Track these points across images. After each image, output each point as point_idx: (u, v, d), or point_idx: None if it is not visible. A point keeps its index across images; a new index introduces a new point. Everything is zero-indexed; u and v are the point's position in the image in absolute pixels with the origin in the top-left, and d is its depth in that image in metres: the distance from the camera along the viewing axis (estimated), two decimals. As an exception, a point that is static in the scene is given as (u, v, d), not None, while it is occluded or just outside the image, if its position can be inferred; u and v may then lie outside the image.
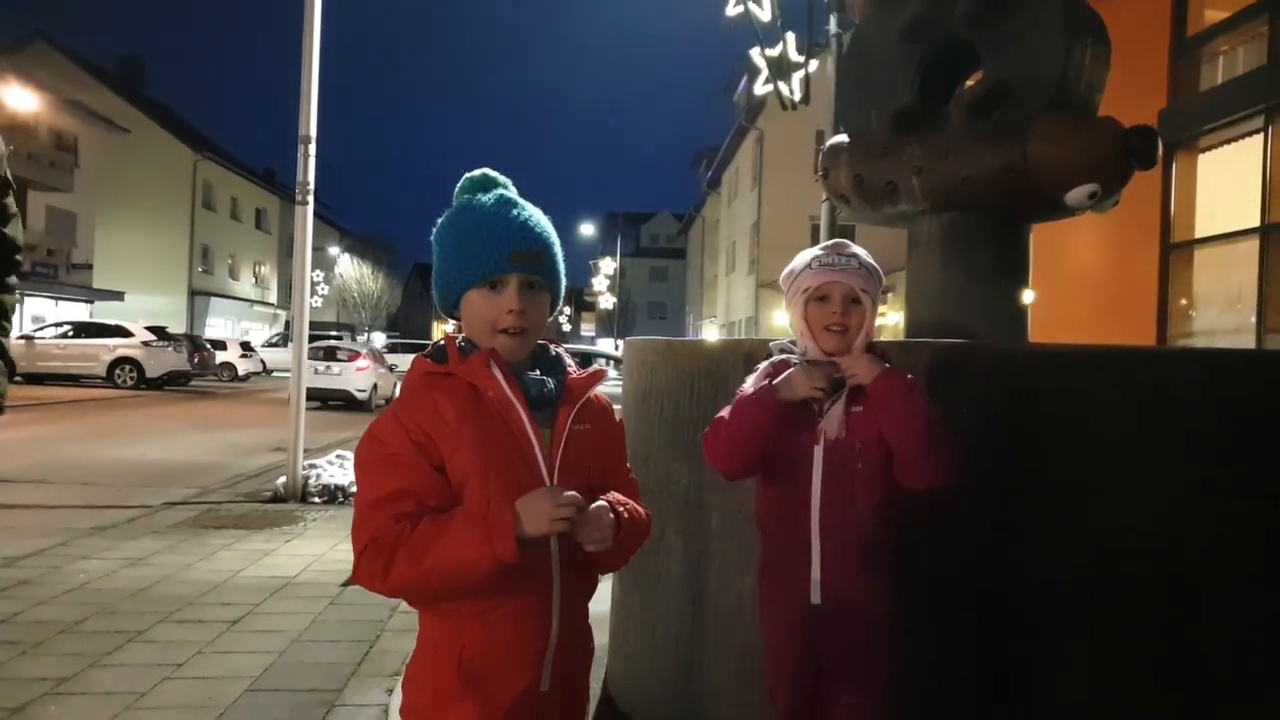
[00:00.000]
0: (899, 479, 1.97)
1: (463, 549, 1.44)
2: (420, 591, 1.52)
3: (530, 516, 1.46)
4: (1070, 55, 3.18)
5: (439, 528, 1.46)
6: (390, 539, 1.47)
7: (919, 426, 1.90)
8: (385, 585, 1.49)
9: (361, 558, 1.50)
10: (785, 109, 12.42)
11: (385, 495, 1.50)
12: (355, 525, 1.53)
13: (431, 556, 1.45)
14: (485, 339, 1.59)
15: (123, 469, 9.73)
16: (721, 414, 2.05)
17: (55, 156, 33.02)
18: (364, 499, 1.53)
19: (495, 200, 1.63)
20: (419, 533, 1.46)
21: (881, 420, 1.93)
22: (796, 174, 28.07)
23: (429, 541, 1.46)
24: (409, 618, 4.63)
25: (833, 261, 2.04)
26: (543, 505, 1.46)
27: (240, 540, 6.39)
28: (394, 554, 1.46)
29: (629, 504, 1.62)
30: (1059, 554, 2.29)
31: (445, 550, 1.45)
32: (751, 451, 2.01)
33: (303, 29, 8.31)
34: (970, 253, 3.39)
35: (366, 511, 1.52)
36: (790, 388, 1.96)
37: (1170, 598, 2.27)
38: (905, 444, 1.92)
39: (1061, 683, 2.30)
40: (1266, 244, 9.61)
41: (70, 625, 4.39)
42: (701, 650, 2.82)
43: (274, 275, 55.18)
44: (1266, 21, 9.92)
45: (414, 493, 1.50)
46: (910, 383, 1.94)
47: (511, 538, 1.44)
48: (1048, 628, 2.30)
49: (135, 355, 23.85)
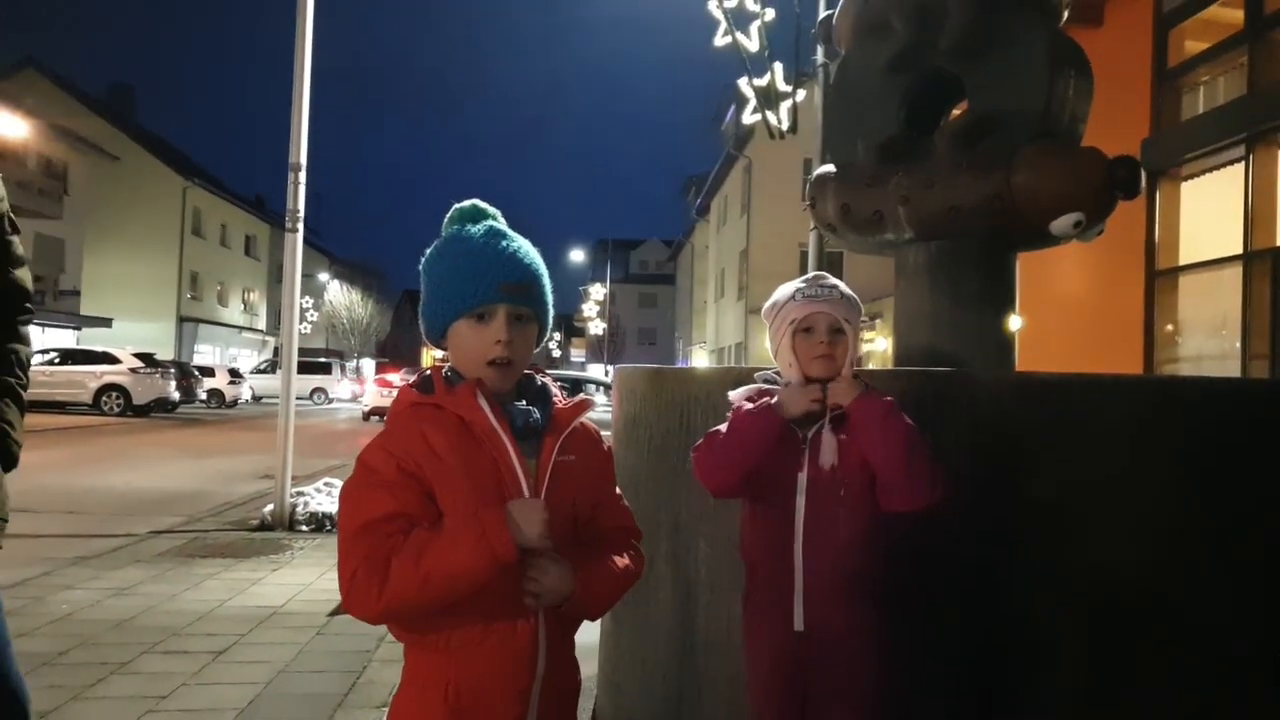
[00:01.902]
0: (883, 503, 1.98)
1: (459, 548, 1.43)
2: (417, 600, 1.45)
3: (524, 520, 1.46)
4: (1054, 87, 3.23)
5: (432, 533, 1.46)
6: (383, 551, 1.45)
7: (899, 448, 1.92)
8: (380, 602, 1.44)
9: (353, 581, 1.46)
10: (773, 138, 12.53)
11: (378, 518, 1.48)
12: (343, 553, 1.49)
13: (428, 557, 1.43)
14: (472, 370, 1.60)
15: (108, 497, 9.65)
16: (716, 429, 2.06)
17: (44, 184, 32.98)
18: (353, 524, 1.49)
19: (484, 231, 1.64)
20: (413, 539, 1.45)
21: (861, 442, 1.95)
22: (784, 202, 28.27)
23: (424, 544, 1.44)
24: (396, 648, 4.58)
25: (815, 293, 2.08)
26: (535, 514, 1.47)
27: (227, 569, 6.33)
28: (388, 563, 1.44)
29: (607, 560, 1.62)
30: (1044, 581, 2.29)
31: (442, 550, 1.43)
32: (746, 466, 2.01)
33: (293, 57, 8.36)
34: (957, 281, 3.42)
35: (356, 535, 1.48)
36: (786, 406, 1.99)
37: (1155, 625, 2.28)
38: (886, 465, 1.94)
39: (1046, 709, 2.29)
40: (1250, 271, 9.71)
41: (52, 657, 4.33)
42: (691, 680, 2.80)
43: (263, 302, 55.11)
44: (1246, 52, 10.09)
45: (407, 515, 1.49)
46: (889, 404, 1.96)
47: (506, 533, 1.44)
48: (1032, 655, 2.30)
49: (122, 382, 23.74)
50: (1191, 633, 2.28)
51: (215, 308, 48.22)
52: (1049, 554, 2.29)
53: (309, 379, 35.05)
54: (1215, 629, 2.28)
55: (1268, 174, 9.69)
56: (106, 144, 38.63)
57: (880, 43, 3.57)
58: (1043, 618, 2.29)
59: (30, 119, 29.29)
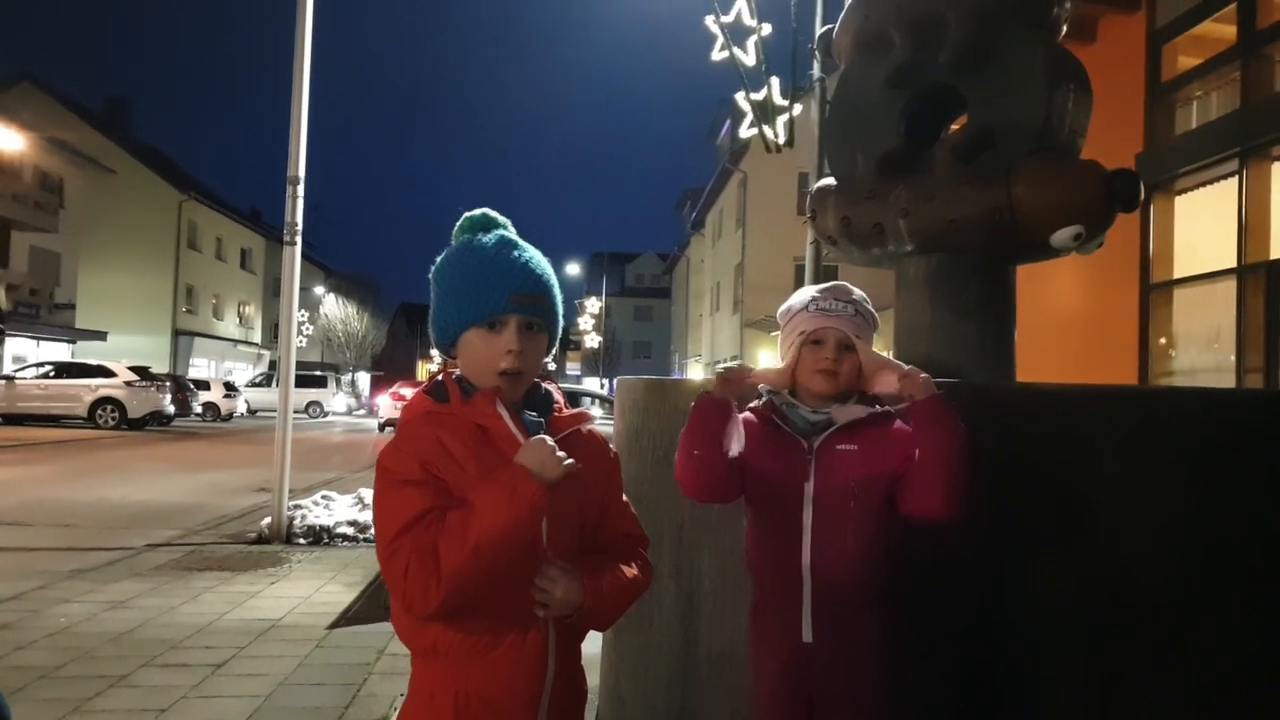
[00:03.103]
0: (911, 506, 1.96)
1: (497, 511, 1.44)
2: (473, 574, 1.44)
3: (536, 461, 1.48)
4: (1053, 101, 3.25)
5: (466, 510, 1.46)
6: (427, 542, 1.45)
7: (955, 451, 1.91)
8: (440, 589, 1.43)
9: (407, 577, 1.44)
10: (769, 152, 12.59)
11: (414, 517, 1.47)
12: (388, 556, 1.47)
13: (473, 532, 1.43)
14: (483, 379, 1.60)
15: (104, 510, 9.61)
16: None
17: (40, 197, 32.94)
18: (392, 528, 1.47)
19: (495, 241, 1.65)
20: (450, 521, 1.45)
21: (922, 439, 1.93)
22: (780, 215, 28.37)
23: (463, 521, 1.45)
24: (396, 661, 4.58)
25: (829, 306, 2.07)
26: (543, 451, 1.49)
27: (225, 582, 6.31)
28: (435, 550, 1.44)
29: (615, 569, 1.62)
30: (1049, 590, 2.30)
31: (481, 519, 1.44)
32: (709, 460, 1.97)
33: (291, 70, 8.39)
34: (957, 293, 3.43)
35: (398, 537, 1.46)
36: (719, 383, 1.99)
37: (1161, 632, 2.29)
38: (934, 466, 1.92)
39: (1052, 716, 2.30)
40: (1243, 284, 9.76)
41: (50, 670, 4.31)
42: (694, 692, 2.80)
43: (259, 315, 55.03)
44: (1238, 67, 10.16)
45: (438, 507, 1.48)
46: (954, 408, 1.94)
47: (530, 480, 1.46)
48: (1035, 663, 2.31)
49: (117, 395, 23.67)
50: (1194, 638, 2.29)
51: (211, 321, 48.15)
52: (1052, 563, 2.30)
53: (305, 392, 35.00)
54: (1216, 634, 2.29)
55: (1261, 188, 9.75)
56: (102, 157, 38.63)
57: (880, 57, 3.59)
58: (1047, 626, 2.29)
59: (26, 132, 29.28)
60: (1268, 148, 9.65)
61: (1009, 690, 2.32)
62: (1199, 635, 2.29)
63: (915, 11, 3.43)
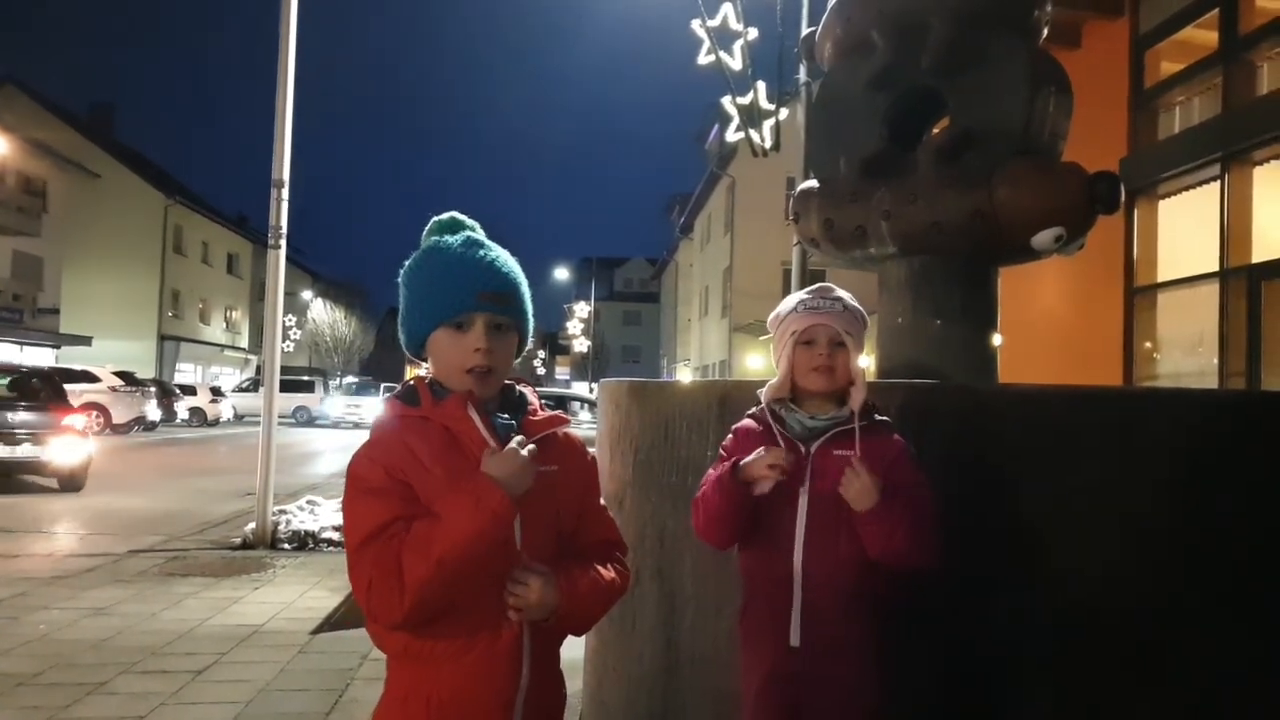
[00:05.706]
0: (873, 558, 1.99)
1: (460, 522, 1.43)
2: (438, 586, 1.44)
3: (502, 470, 1.47)
4: (1034, 103, 3.26)
5: (430, 521, 1.46)
6: (391, 554, 1.44)
7: (897, 546, 1.93)
8: (404, 601, 1.43)
9: (370, 590, 1.45)
10: (756, 156, 12.62)
11: (377, 527, 1.47)
12: (354, 568, 1.48)
13: (435, 543, 1.43)
14: (453, 379, 1.59)
15: (87, 516, 9.53)
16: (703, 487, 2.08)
17: (23, 201, 32.69)
18: (355, 539, 1.49)
19: (462, 241, 1.64)
20: (414, 533, 1.45)
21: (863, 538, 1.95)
22: (768, 219, 28.38)
23: (427, 533, 1.44)
24: (379, 667, 4.54)
25: (818, 305, 2.09)
26: (512, 461, 1.48)
27: (207, 588, 6.27)
28: (399, 562, 1.43)
29: (591, 572, 1.61)
30: (1032, 596, 2.30)
31: (445, 531, 1.43)
32: (731, 528, 2.05)
33: (276, 74, 8.35)
34: (939, 296, 3.44)
35: (361, 549, 1.47)
36: (749, 470, 1.99)
37: (1142, 640, 2.28)
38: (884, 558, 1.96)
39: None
40: (1226, 288, 9.82)
41: (28, 677, 4.27)
42: (677, 696, 2.79)
43: (245, 320, 54.75)
44: (1220, 73, 10.24)
45: (403, 518, 1.48)
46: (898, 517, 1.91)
47: (494, 490, 1.45)
48: (1017, 669, 2.30)
49: (102, 401, 23.49)
50: (1176, 639, 2.29)
51: (197, 326, 47.86)
52: (1036, 564, 2.30)
53: (291, 397, 34.79)
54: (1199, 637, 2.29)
55: (1243, 192, 9.82)
56: (87, 161, 38.38)
57: (862, 60, 3.60)
58: (1029, 629, 2.29)
59: (9, 136, 29.09)
60: (1249, 152, 9.71)
61: (995, 692, 2.32)
62: (1181, 637, 2.29)
63: (897, 14, 3.44)
